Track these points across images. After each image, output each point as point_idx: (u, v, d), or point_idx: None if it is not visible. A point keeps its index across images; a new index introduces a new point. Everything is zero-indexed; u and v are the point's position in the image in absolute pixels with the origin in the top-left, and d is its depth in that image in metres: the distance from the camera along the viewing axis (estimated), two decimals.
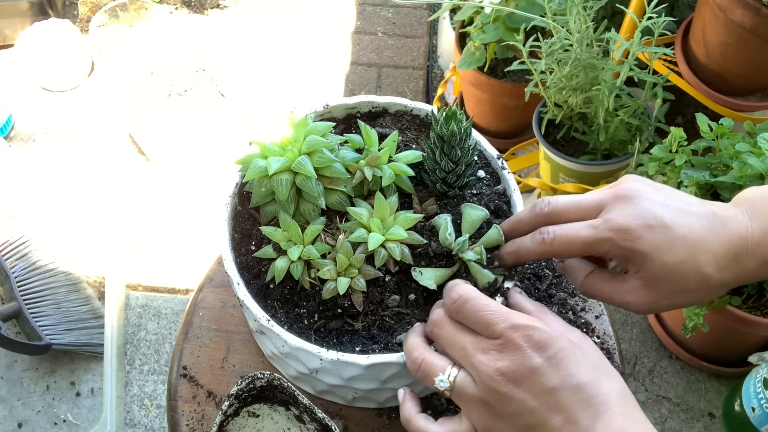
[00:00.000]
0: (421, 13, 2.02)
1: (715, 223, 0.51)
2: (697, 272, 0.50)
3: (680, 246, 0.50)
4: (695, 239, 0.50)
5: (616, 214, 0.52)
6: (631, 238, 0.50)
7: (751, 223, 0.50)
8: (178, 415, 0.70)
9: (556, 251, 0.54)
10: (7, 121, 1.70)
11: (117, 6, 1.80)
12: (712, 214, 0.51)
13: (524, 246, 0.56)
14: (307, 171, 0.59)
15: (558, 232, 0.54)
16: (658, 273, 0.51)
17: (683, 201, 0.53)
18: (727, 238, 0.50)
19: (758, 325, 1.07)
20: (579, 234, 0.53)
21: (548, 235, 0.54)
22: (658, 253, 0.50)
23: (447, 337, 0.51)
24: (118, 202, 1.61)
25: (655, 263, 0.50)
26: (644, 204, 0.51)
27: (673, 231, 0.50)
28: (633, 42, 1.07)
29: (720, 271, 0.50)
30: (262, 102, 1.80)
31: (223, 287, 0.78)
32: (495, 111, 1.56)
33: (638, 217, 0.51)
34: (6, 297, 1.38)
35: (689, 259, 0.50)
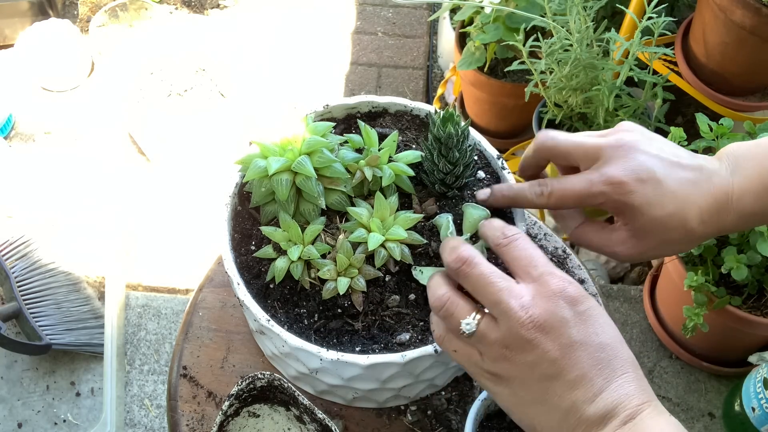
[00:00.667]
0: (421, 13, 2.02)
1: (702, 177, 0.53)
2: (682, 225, 0.53)
3: (669, 200, 0.52)
4: (684, 194, 0.52)
5: (612, 167, 0.54)
6: (624, 192, 0.53)
7: (733, 178, 0.53)
8: (178, 415, 0.70)
9: (553, 204, 0.57)
10: (7, 121, 1.70)
11: (117, 6, 1.80)
12: (699, 168, 0.53)
13: (522, 194, 0.59)
14: (307, 171, 0.59)
15: (556, 186, 0.57)
16: (646, 225, 0.53)
17: (674, 154, 0.55)
18: (710, 193, 0.52)
19: (758, 325, 1.07)
20: (575, 188, 0.55)
21: (546, 188, 0.57)
22: (648, 206, 0.53)
23: (478, 278, 0.49)
24: (118, 202, 1.61)
25: (645, 216, 0.53)
26: (639, 157, 0.54)
27: (664, 186, 0.53)
28: (633, 42, 1.07)
29: (703, 224, 0.53)
30: (262, 102, 1.80)
31: (223, 287, 0.78)
32: (495, 111, 1.56)
33: (632, 171, 0.53)
34: (6, 297, 1.38)
35: (676, 213, 0.52)
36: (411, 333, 0.58)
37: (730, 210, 0.52)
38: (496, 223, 0.54)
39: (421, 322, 0.59)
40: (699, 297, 1.05)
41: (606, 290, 1.41)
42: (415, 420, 0.68)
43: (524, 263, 0.49)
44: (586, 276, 0.78)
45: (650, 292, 1.37)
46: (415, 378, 0.61)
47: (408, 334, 0.58)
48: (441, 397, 0.69)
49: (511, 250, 0.51)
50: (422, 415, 0.68)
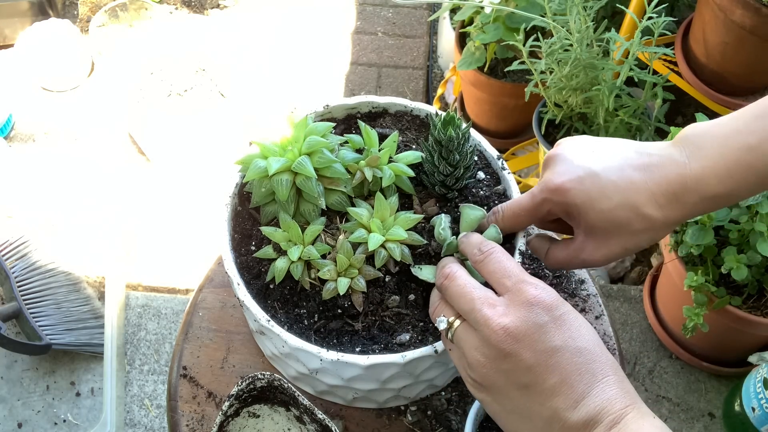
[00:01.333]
0: (421, 13, 2.02)
1: (651, 163, 0.52)
2: (636, 213, 0.52)
3: (612, 191, 0.52)
4: (627, 182, 0.52)
5: (548, 175, 0.55)
6: (564, 192, 0.53)
7: (690, 161, 0.51)
8: (178, 416, 0.70)
9: (508, 223, 0.59)
10: (7, 121, 1.70)
11: (117, 6, 1.80)
12: (647, 156, 0.53)
13: (482, 227, 0.60)
14: (307, 171, 0.59)
15: (505, 206, 0.59)
16: (598, 221, 0.53)
17: (615, 148, 0.54)
18: (663, 176, 0.51)
19: (758, 325, 1.07)
20: (521, 203, 0.57)
21: (498, 213, 0.59)
22: (591, 202, 0.52)
23: (456, 290, 0.51)
24: (118, 202, 1.61)
25: (591, 212, 0.53)
26: (573, 159, 0.54)
27: (603, 178, 0.52)
28: (633, 42, 1.07)
29: (661, 209, 0.51)
30: (262, 102, 1.80)
31: (223, 287, 0.78)
32: (495, 111, 1.56)
33: (567, 173, 0.53)
34: (6, 297, 1.38)
35: (625, 202, 0.51)
36: (411, 333, 0.58)
37: (691, 192, 0.51)
38: (473, 238, 0.55)
39: (421, 323, 0.59)
40: (699, 297, 1.05)
41: (606, 290, 1.41)
42: (415, 420, 0.68)
43: (499, 275, 0.50)
44: (586, 276, 0.78)
45: (650, 292, 1.37)
46: (415, 378, 0.61)
47: (408, 334, 0.58)
48: (441, 397, 0.69)
49: (487, 265, 0.52)
50: (422, 415, 0.68)
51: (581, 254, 0.55)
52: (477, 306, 0.49)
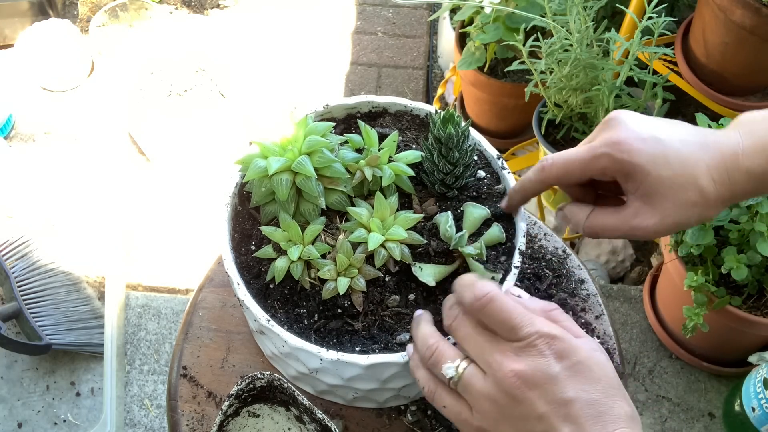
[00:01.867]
0: (421, 13, 2.03)
1: (708, 139, 0.52)
2: (694, 184, 0.51)
3: (674, 158, 0.51)
4: (688, 152, 0.51)
5: (610, 133, 0.53)
6: (627, 150, 0.52)
7: (743, 139, 0.51)
8: (178, 415, 0.70)
9: (556, 175, 0.56)
10: (7, 121, 1.70)
11: (117, 6, 1.80)
12: (705, 134, 0.53)
13: (527, 179, 0.58)
14: (307, 171, 0.59)
15: (557, 157, 0.56)
16: (656, 186, 0.52)
17: (675, 123, 0.54)
18: (719, 152, 0.51)
19: (758, 325, 1.07)
20: (576, 154, 0.55)
21: (548, 161, 0.56)
22: (653, 165, 0.51)
23: (464, 333, 0.50)
24: (118, 202, 1.61)
25: (652, 176, 0.52)
26: (635, 123, 0.53)
27: (666, 144, 0.52)
28: (633, 42, 1.07)
29: (715, 184, 0.51)
30: (262, 102, 1.80)
31: (223, 287, 0.78)
32: (495, 111, 1.56)
33: (631, 132, 0.52)
34: (6, 297, 1.38)
35: (684, 171, 0.51)
36: (411, 333, 0.58)
37: (741, 169, 0.51)
38: (465, 280, 0.51)
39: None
40: (699, 297, 1.05)
41: (606, 290, 1.41)
42: (415, 420, 0.68)
43: (506, 328, 0.48)
44: (586, 276, 0.78)
45: (650, 292, 1.37)
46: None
47: (408, 333, 0.58)
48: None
49: (489, 314, 0.49)
50: (422, 415, 0.68)
51: (633, 220, 0.54)
52: (488, 349, 0.47)
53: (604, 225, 0.56)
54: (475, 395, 0.48)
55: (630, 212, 0.54)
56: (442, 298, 0.60)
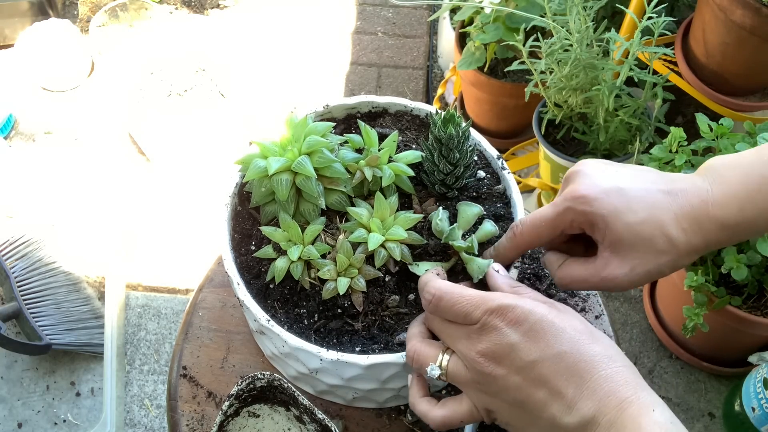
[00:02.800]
0: (421, 13, 2.03)
1: (674, 188, 0.51)
2: (661, 231, 0.50)
3: (638, 205, 0.50)
4: (654, 200, 0.51)
5: (572, 186, 0.53)
6: (588, 201, 0.51)
7: (712, 188, 0.50)
8: (178, 415, 0.70)
9: (529, 240, 0.56)
10: (7, 121, 1.71)
11: (117, 6, 1.80)
12: (670, 181, 0.52)
13: (501, 245, 0.58)
14: (307, 171, 0.59)
15: (525, 220, 0.56)
16: (623, 235, 0.51)
17: (639, 170, 0.54)
18: (686, 201, 0.50)
19: (758, 325, 1.07)
20: (542, 214, 0.54)
21: (517, 228, 0.56)
22: (616, 213, 0.51)
23: (436, 327, 0.53)
24: (118, 202, 1.61)
25: (617, 224, 0.51)
26: (597, 175, 0.53)
27: (629, 193, 0.51)
28: (633, 42, 1.07)
29: (685, 233, 0.50)
30: (262, 102, 1.80)
31: (223, 287, 0.78)
32: (495, 111, 1.56)
33: (593, 185, 0.52)
34: (6, 297, 1.38)
35: (650, 219, 0.50)
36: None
37: (712, 219, 0.50)
38: (420, 282, 0.54)
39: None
40: (699, 297, 1.05)
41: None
42: (415, 420, 0.68)
43: (461, 318, 0.49)
44: None
45: (650, 292, 1.37)
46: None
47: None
48: (441, 396, 0.69)
49: (444, 310, 0.50)
50: None
51: (602, 271, 0.52)
52: (455, 339, 0.50)
53: (574, 276, 0.55)
54: (464, 384, 0.50)
55: (600, 263, 0.53)
56: None
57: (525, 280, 0.75)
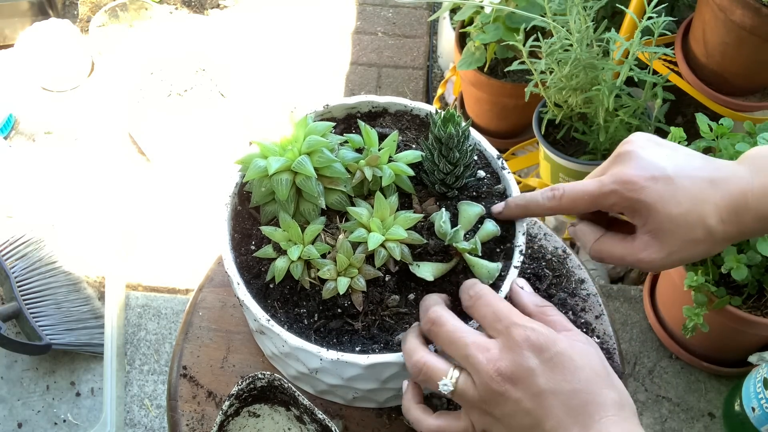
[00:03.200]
0: (421, 13, 2.03)
1: (718, 177, 0.52)
2: (701, 222, 0.51)
3: (683, 196, 0.51)
4: (698, 190, 0.51)
5: (621, 168, 0.53)
6: (636, 189, 0.52)
7: (753, 179, 0.51)
8: (178, 415, 0.70)
9: (564, 206, 0.56)
10: (7, 121, 1.71)
11: (117, 6, 1.80)
12: (715, 169, 0.53)
13: (534, 201, 0.58)
14: (307, 171, 0.59)
15: (567, 188, 0.56)
16: (664, 224, 0.52)
17: (687, 155, 0.54)
18: (727, 191, 0.51)
19: (758, 325, 1.07)
20: (586, 188, 0.55)
21: (558, 191, 0.56)
22: (662, 203, 0.52)
23: (447, 336, 0.51)
24: (118, 202, 1.61)
25: (660, 214, 0.52)
26: (647, 157, 0.53)
27: (676, 182, 0.52)
28: (633, 42, 1.07)
29: (723, 223, 0.51)
30: (262, 102, 1.80)
31: (223, 287, 0.78)
32: (495, 111, 1.56)
33: (642, 169, 0.52)
34: (6, 297, 1.38)
35: (693, 210, 0.51)
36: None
37: (749, 210, 0.51)
38: (465, 283, 0.55)
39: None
40: (699, 297, 1.05)
41: (606, 290, 1.41)
42: None
43: (490, 320, 0.50)
44: (586, 276, 0.78)
45: (650, 292, 1.37)
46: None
47: None
48: (441, 396, 0.69)
49: (478, 309, 0.51)
50: None
51: (641, 253, 0.54)
52: (472, 352, 0.48)
53: (612, 252, 0.57)
54: (468, 403, 0.49)
55: (638, 245, 0.54)
56: None
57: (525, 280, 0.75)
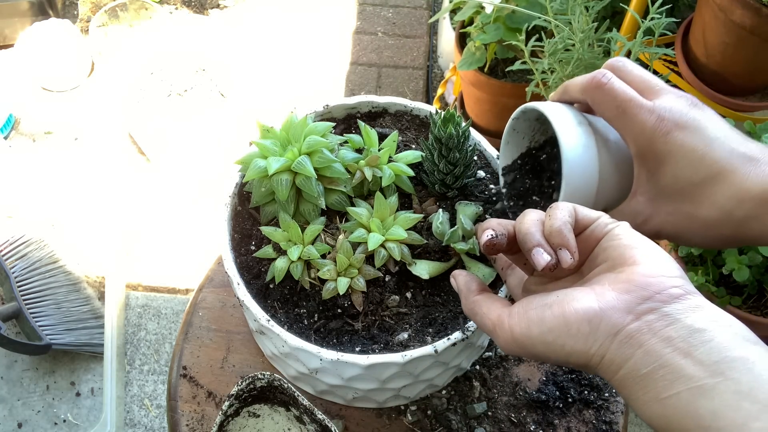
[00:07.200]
0: (421, 13, 2.02)
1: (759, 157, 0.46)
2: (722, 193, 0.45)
3: (707, 165, 0.46)
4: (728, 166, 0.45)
5: (662, 100, 0.48)
6: (662, 126, 0.46)
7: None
8: (178, 415, 0.70)
9: (598, 97, 0.49)
10: (7, 121, 1.71)
11: (117, 6, 1.80)
12: (759, 149, 0.46)
13: (574, 80, 0.52)
14: (307, 171, 0.59)
15: (615, 81, 0.49)
16: (670, 183, 0.47)
17: (725, 125, 0.48)
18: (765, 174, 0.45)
19: (758, 325, 1.07)
20: (633, 96, 0.48)
21: (605, 77, 0.49)
22: (681, 154, 0.46)
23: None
24: (118, 202, 1.61)
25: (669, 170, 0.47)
26: (690, 102, 0.48)
27: (710, 146, 0.46)
28: (635, 42, 1.07)
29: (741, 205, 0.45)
30: (262, 102, 1.80)
31: (223, 287, 0.78)
32: (495, 111, 1.56)
33: (678, 110, 0.47)
34: (6, 297, 1.38)
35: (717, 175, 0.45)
36: (410, 332, 0.58)
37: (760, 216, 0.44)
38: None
39: (419, 323, 0.59)
40: None
41: None
42: (415, 420, 0.68)
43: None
44: None
45: None
46: (415, 378, 0.61)
47: (407, 333, 0.58)
48: (441, 396, 0.69)
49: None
50: (422, 415, 0.68)
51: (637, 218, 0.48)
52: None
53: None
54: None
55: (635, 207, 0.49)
56: (440, 296, 0.60)
57: None
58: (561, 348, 0.40)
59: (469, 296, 0.47)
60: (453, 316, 0.59)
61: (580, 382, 0.71)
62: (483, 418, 0.68)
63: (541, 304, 0.41)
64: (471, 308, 0.47)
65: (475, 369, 0.71)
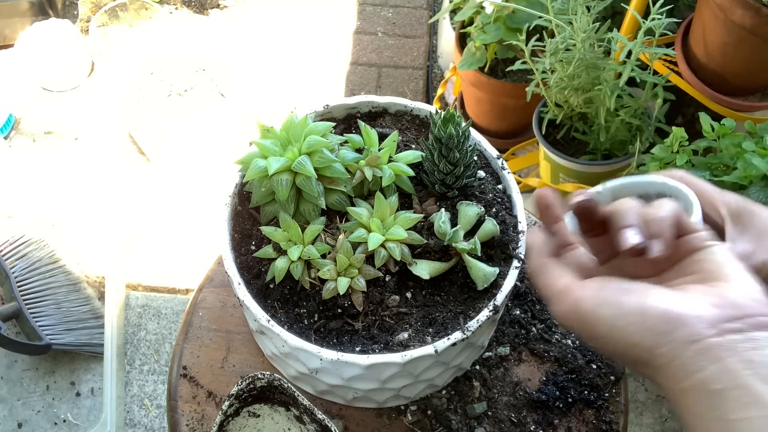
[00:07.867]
0: (421, 13, 2.02)
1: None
2: None
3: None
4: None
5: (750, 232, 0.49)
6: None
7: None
8: (178, 415, 0.70)
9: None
10: (7, 121, 1.70)
11: (117, 6, 1.80)
12: None
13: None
14: (307, 171, 0.59)
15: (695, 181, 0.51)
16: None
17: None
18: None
19: None
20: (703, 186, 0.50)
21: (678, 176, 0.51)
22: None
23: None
24: (118, 202, 1.61)
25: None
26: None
27: None
28: (636, 42, 1.07)
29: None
30: (262, 102, 1.80)
31: (223, 287, 0.78)
32: (495, 111, 1.56)
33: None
34: (6, 297, 1.38)
35: None
36: (410, 333, 0.58)
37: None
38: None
39: (419, 323, 0.59)
40: None
41: None
42: (415, 420, 0.68)
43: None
44: None
45: None
46: (415, 378, 0.61)
47: (407, 333, 0.58)
48: (441, 396, 0.69)
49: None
50: (422, 415, 0.68)
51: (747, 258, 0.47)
52: None
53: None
54: None
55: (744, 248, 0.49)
56: (440, 296, 0.60)
57: (526, 279, 0.75)
58: (628, 336, 0.39)
59: (541, 256, 0.46)
60: (453, 316, 0.59)
61: (581, 382, 0.71)
62: (483, 418, 0.68)
63: (621, 287, 0.40)
64: (539, 268, 0.46)
65: (475, 369, 0.71)
